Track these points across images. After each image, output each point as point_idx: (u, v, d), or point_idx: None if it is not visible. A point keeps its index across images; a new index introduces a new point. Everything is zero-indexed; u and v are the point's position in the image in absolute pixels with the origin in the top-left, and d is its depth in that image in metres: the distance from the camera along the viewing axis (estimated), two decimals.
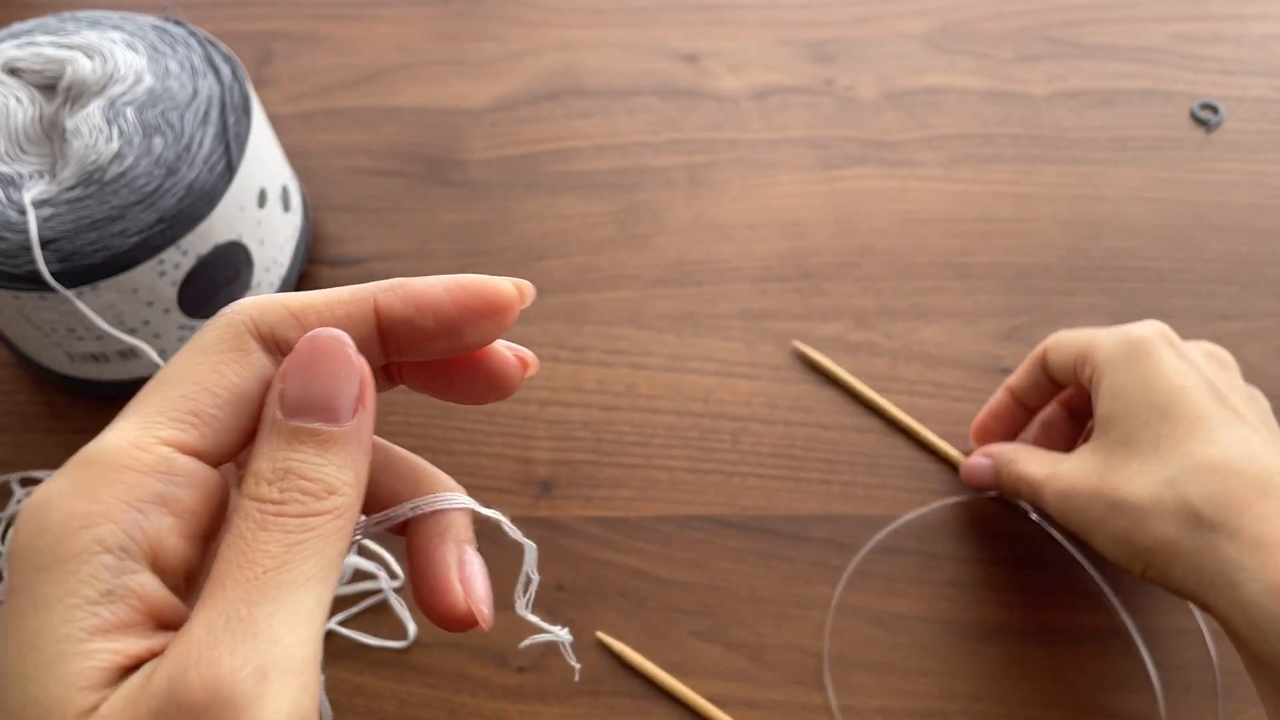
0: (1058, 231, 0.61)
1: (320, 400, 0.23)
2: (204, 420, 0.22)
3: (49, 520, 0.21)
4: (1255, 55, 0.68)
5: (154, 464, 0.21)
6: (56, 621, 0.20)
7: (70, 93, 0.52)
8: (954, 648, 0.50)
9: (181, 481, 0.22)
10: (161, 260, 0.50)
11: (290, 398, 0.23)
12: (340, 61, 0.71)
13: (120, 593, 0.20)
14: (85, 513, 0.21)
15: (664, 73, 0.69)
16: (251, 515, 0.21)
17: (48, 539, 0.20)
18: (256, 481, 0.22)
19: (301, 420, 0.23)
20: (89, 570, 0.20)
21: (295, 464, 0.22)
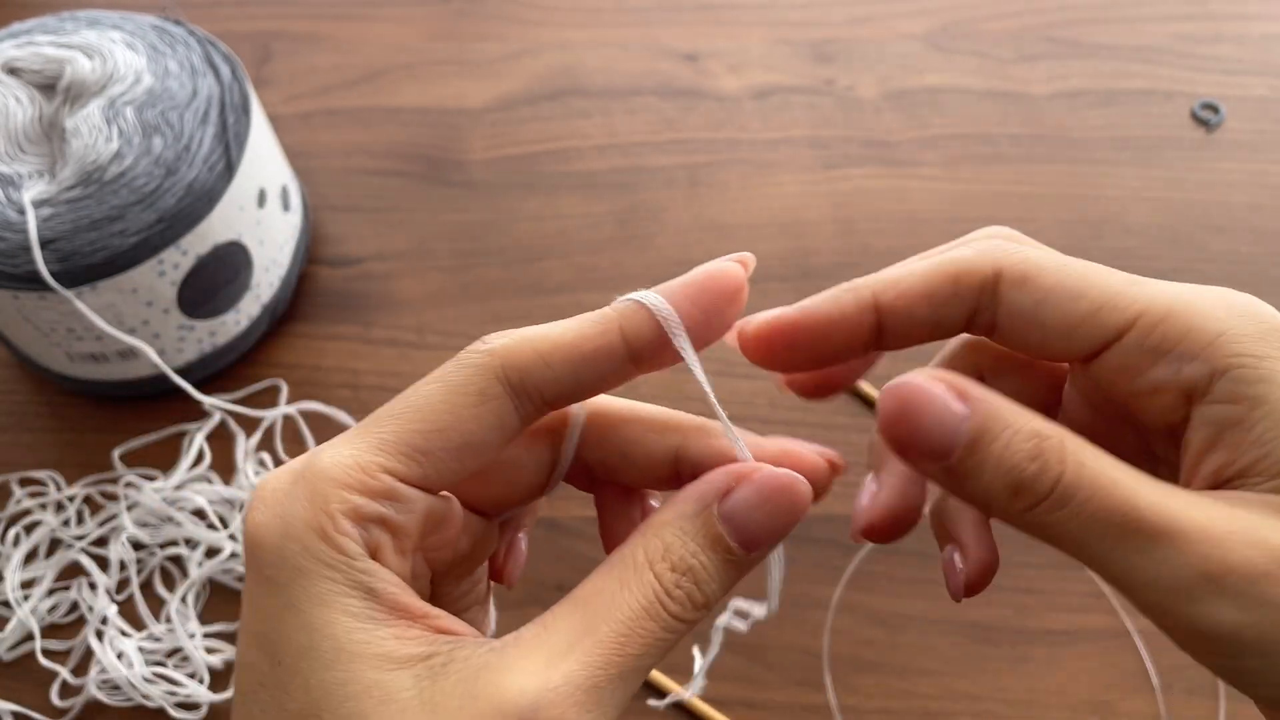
0: (1058, 231, 0.61)
1: (757, 534, 0.24)
2: (430, 459, 0.24)
3: (292, 528, 0.23)
4: (1256, 55, 0.68)
5: (378, 490, 0.23)
6: (336, 615, 0.22)
7: (70, 92, 0.51)
8: (955, 648, 0.49)
9: (401, 508, 0.23)
10: (161, 260, 0.50)
11: (735, 513, 0.24)
12: (340, 61, 0.71)
13: (376, 587, 0.23)
14: (321, 526, 0.22)
15: (664, 73, 0.69)
16: (645, 592, 0.23)
17: (296, 545, 0.22)
18: (664, 558, 0.23)
19: (729, 533, 0.24)
20: (341, 574, 0.22)
21: (698, 568, 0.23)
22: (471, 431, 0.24)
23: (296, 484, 0.23)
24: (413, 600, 0.23)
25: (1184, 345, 0.23)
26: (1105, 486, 0.21)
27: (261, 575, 0.23)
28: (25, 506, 0.54)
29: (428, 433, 0.24)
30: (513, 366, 0.24)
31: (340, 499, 0.23)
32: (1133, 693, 0.48)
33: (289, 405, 0.56)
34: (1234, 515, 0.21)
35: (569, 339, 0.24)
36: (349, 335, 0.59)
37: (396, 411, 0.24)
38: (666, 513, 0.24)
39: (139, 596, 0.51)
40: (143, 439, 0.56)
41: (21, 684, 0.50)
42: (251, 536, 0.23)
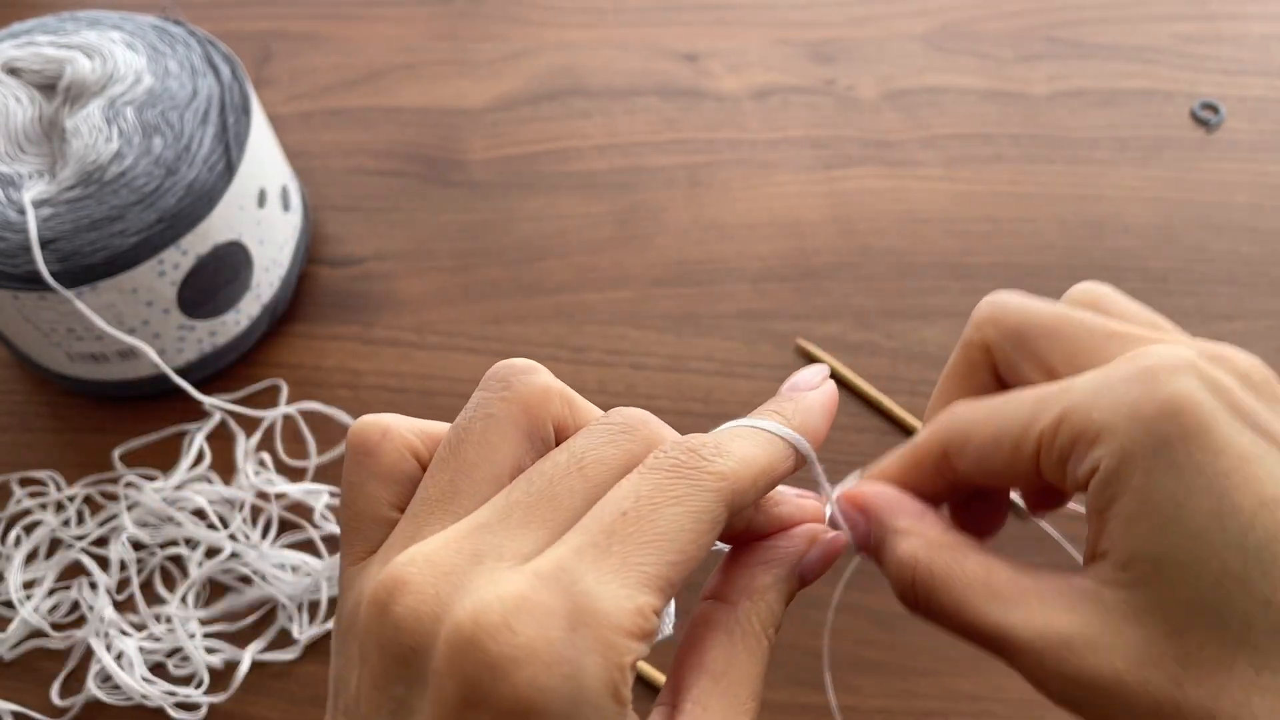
0: (1058, 231, 0.61)
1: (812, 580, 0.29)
2: (673, 588, 0.23)
3: (585, 689, 0.21)
4: (1256, 55, 0.68)
5: (649, 633, 0.22)
6: None
7: (70, 93, 0.51)
8: (955, 647, 0.49)
9: (650, 641, 0.23)
10: (161, 260, 0.50)
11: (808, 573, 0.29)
12: (340, 61, 0.71)
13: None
14: (613, 681, 0.21)
15: (664, 73, 0.69)
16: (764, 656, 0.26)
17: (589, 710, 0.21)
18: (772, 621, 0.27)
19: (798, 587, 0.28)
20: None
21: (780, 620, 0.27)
22: (697, 560, 0.24)
23: (580, 633, 0.21)
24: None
25: (1075, 450, 0.25)
26: (952, 610, 0.27)
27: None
28: (25, 506, 0.54)
29: (679, 565, 0.23)
30: (738, 494, 0.25)
31: (629, 650, 0.21)
32: None
33: (289, 405, 0.56)
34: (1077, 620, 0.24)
35: (768, 463, 0.26)
36: (349, 335, 0.59)
37: (648, 539, 0.23)
38: (765, 575, 0.27)
39: (139, 596, 0.51)
40: (143, 439, 0.56)
41: (22, 684, 0.50)
42: (532, 701, 0.20)
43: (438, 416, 0.56)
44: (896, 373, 0.56)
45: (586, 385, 0.56)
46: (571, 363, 0.57)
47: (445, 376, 0.58)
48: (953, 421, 0.28)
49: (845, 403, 0.56)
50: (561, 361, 0.57)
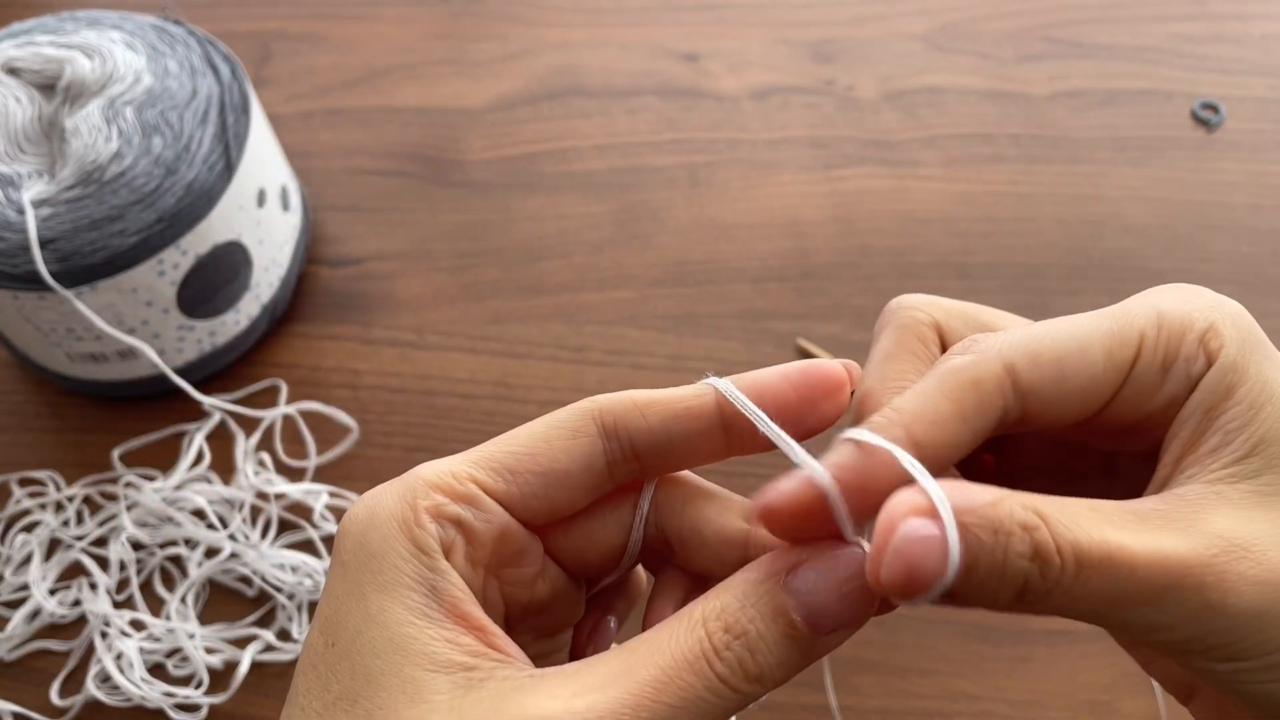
0: (1058, 231, 0.61)
1: (825, 613, 0.23)
2: (516, 478, 0.25)
3: (377, 515, 0.24)
4: (1256, 55, 0.68)
5: (462, 494, 0.25)
6: (393, 605, 0.23)
7: (69, 92, 0.51)
8: (955, 648, 0.49)
9: (480, 517, 0.25)
10: (160, 260, 0.50)
11: (803, 586, 0.23)
12: (340, 61, 0.71)
13: (440, 588, 0.23)
14: (403, 517, 0.24)
15: (664, 73, 0.69)
16: (691, 644, 0.22)
17: (376, 533, 0.24)
18: (719, 616, 0.22)
19: (794, 606, 0.23)
20: (411, 567, 0.24)
21: (754, 634, 0.22)
22: (558, 461, 0.25)
23: (393, 483, 0.25)
24: (473, 610, 0.24)
25: (1184, 348, 0.23)
26: (1098, 560, 0.21)
27: (339, 560, 0.24)
28: (25, 506, 0.54)
29: (519, 454, 0.25)
30: (609, 411, 0.26)
31: (426, 494, 0.24)
32: (1133, 693, 0.48)
33: (289, 405, 0.56)
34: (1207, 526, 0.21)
35: (663, 396, 0.26)
36: (349, 335, 0.59)
37: (505, 435, 0.26)
38: (733, 579, 0.23)
39: (139, 597, 0.51)
40: (142, 439, 0.56)
41: (21, 684, 0.50)
42: (342, 526, 0.25)
43: (436, 416, 0.56)
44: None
45: (586, 385, 0.56)
46: (571, 363, 0.57)
47: (445, 376, 0.58)
48: (1022, 339, 0.24)
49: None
50: (561, 361, 0.57)
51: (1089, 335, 0.24)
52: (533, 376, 0.57)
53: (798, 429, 0.25)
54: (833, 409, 0.26)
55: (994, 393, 0.24)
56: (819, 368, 0.26)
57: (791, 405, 0.25)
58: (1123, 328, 0.24)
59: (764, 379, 0.26)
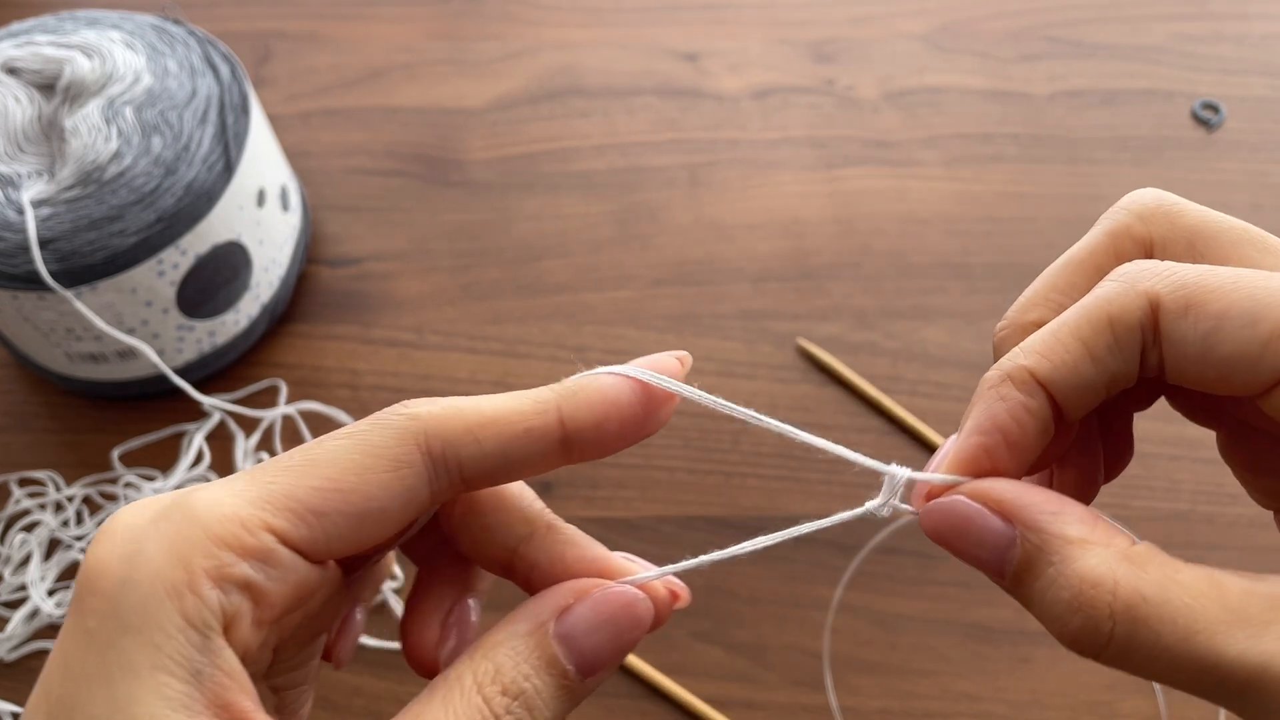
0: (1059, 231, 0.61)
1: (595, 656, 0.22)
2: (323, 523, 0.21)
3: (139, 574, 0.19)
4: (1256, 55, 0.68)
5: (254, 549, 0.20)
6: (147, 695, 0.19)
7: (69, 92, 0.51)
8: (955, 648, 0.49)
9: (275, 575, 0.20)
10: (160, 260, 0.50)
11: (571, 633, 0.22)
12: (339, 61, 0.71)
13: (206, 674, 0.19)
14: (174, 581, 0.19)
15: (664, 72, 0.69)
16: (471, 715, 0.21)
17: (136, 597, 0.19)
18: (494, 680, 0.21)
19: (565, 655, 0.22)
20: (176, 646, 0.19)
21: (531, 692, 0.21)
22: (376, 499, 0.21)
23: (159, 523, 0.20)
24: (239, 700, 0.20)
25: None
26: (1172, 644, 0.19)
27: (82, 625, 0.20)
28: (25, 507, 0.54)
29: (327, 491, 0.21)
30: (437, 436, 0.22)
31: (207, 554, 0.19)
32: (1133, 693, 0.48)
33: (288, 405, 0.56)
34: None
35: (504, 415, 0.22)
36: (348, 335, 0.59)
37: (295, 463, 0.21)
38: (499, 632, 0.22)
39: None
40: (142, 439, 0.56)
41: (22, 684, 0.50)
42: (87, 574, 0.20)
43: None
44: (897, 373, 0.56)
45: None
46: (571, 363, 0.57)
47: (444, 376, 0.58)
48: (1191, 278, 0.21)
49: (846, 402, 0.56)
50: (561, 361, 0.57)
51: (1271, 308, 0.19)
52: (533, 376, 0.57)
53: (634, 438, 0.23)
54: (667, 412, 0.24)
55: (1133, 332, 0.21)
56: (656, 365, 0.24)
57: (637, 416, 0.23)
58: None
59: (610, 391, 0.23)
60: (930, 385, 0.56)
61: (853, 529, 0.52)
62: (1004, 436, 0.22)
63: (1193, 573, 0.19)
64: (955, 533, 0.22)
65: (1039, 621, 0.21)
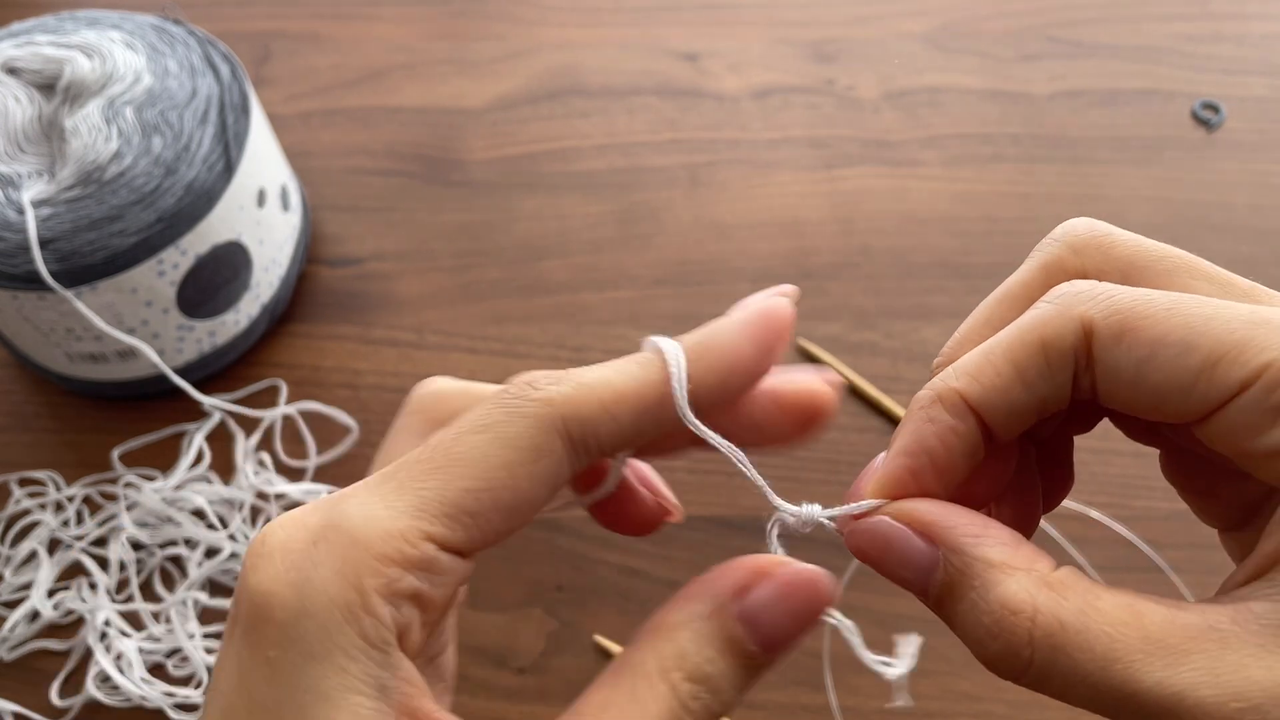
0: None
1: (778, 635, 0.22)
2: (478, 523, 0.21)
3: (313, 603, 0.19)
4: (1257, 54, 0.68)
5: (418, 561, 0.20)
6: (342, 717, 0.19)
7: (69, 92, 0.51)
8: (955, 648, 0.49)
9: (439, 580, 0.21)
10: (160, 260, 0.50)
11: (754, 614, 0.22)
12: (339, 61, 0.71)
13: (392, 688, 0.20)
14: (349, 604, 0.19)
15: (664, 72, 0.69)
16: (660, 707, 0.21)
17: (314, 625, 0.19)
18: (679, 666, 0.21)
19: (748, 635, 0.21)
20: (361, 668, 0.19)
21: (715, 676, 0.21)
22: (524, 490, 0.21)
23: (320, 546, 0.20)
24: (424, 704, 0.20)
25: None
26: (1090, 672, 0.19)
27: (261, 654, 0.20)
28: (25, 507, 0.54)
29: (478, 492, 0.21)
30: (575, 419, 0.21)
31: (376, 573, 0.20)
32: None
33: (288, 405, 0.56)
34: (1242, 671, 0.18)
35: (633, 387, 0.22)
36: (349, 335, 0.59)
37: (439, 464, 0.21)
38: (678, 613, 0.22)
39: (138, 597, 0.51)
40: (142, 439, 0.56)
41: (21, 685, 0.50)
42: (258, 604, 0.20)
43: None
44: (897, 373, 0.56)
45: None
46: (571, 363, 0.57)
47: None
48: (1124, 303, 0.21)
49: (846, 403, 0.56)
50: (561, 361, 0.57)
51: (1205, 336, 0.20)
52: None
53: (753, 381, 0.23)
54: (783, 350, 0.23)
55: (1066, 357, 0.21)
56: (771, 312, 0.23)
57: (756, 366, 0.23)
58: (1253, 350, 0.19)
59: (727, 344, 0.22)
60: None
61: None
62: (930, 459, 0.22)
63: (1113, 599, 0.19)
64: (878, 553, 0.23)
65: (961, 641, 0.22)
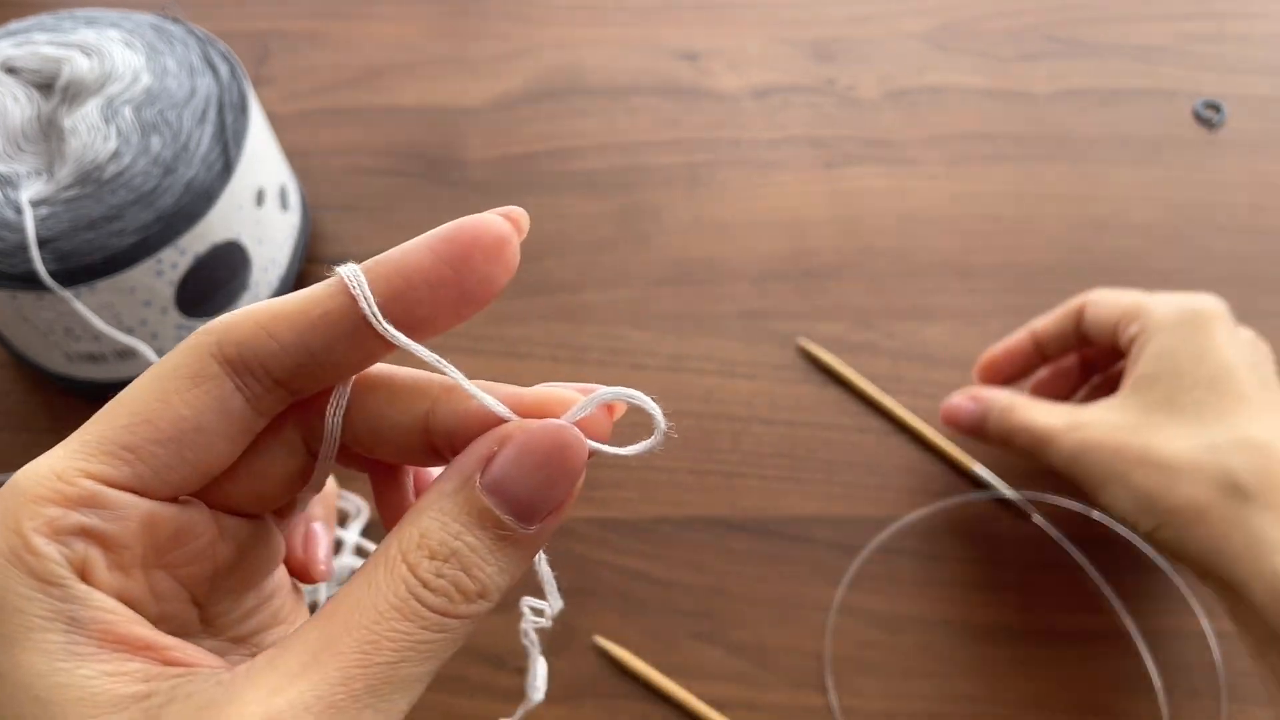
0: (1060, 231, 0.61)
1: (531, 500, 0.21)
2: (140, 456, 0.21)
3: None
4: (1258, 53, 0.68)
5: (77, 497, 0.20)
6: (27, 657, 0.19)
7: (68, 91, 0.51)
8: (956, 649, 0.49)
9: (111, 516, 0.20)
10: (159, 260, 0.50)
11: (500, 481, 0.21)
12: (339, 60, 0.71)
13: (84, 617, 0.19)
14: (10, 548, 0.19)
15: (664, 71, 0.69)
16: (395, 588, 0.20)
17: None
18: (420, 545, 0.20)
19: (497, 505, 0.21)
20: (39, 605, 0.19)
21: (464, 550, 0.20)
22: (185, 419, 0.21)
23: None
24: (133, 629, 0.20)
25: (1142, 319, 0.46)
26: (1016, 424, 0.47)
27: None
28: None
29: (135, 425, 0.21)
30: (230, 342, 0.21)
31: (32, 514, 0.20)
32: (1134, 694, 0.48)
33: None
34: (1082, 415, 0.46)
35: (294, 306, 0.21)
36: None
37: (112, 404, 0.21)
38: (425, 497, 0.21)
39: None
40: None
41: None
42: None
43: None
44: (898, 373, 0.56)
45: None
46: (571, 363, 0.57)
47: None
48: (1094, 294, 0.49)
49: (847, 403, 0.56)
50: (561, 361, 0.57)
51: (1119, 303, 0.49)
52: (533, 376, 0.57)
53: (463, 305, 0.22)
54: (498, 272, 0.23)
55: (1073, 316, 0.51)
56: (468, 225, 0.22)
57: (447, 280, 0.22)
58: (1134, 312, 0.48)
59: (406, 258, 0.21)
60: (931, 385, 0.56)
61: (853, 530, 0.52)
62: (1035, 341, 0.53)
63: (1041, 405, 0.48)
64: (953, 411, 0.51)
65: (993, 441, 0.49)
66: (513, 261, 0.23)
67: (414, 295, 0.21)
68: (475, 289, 0.22)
